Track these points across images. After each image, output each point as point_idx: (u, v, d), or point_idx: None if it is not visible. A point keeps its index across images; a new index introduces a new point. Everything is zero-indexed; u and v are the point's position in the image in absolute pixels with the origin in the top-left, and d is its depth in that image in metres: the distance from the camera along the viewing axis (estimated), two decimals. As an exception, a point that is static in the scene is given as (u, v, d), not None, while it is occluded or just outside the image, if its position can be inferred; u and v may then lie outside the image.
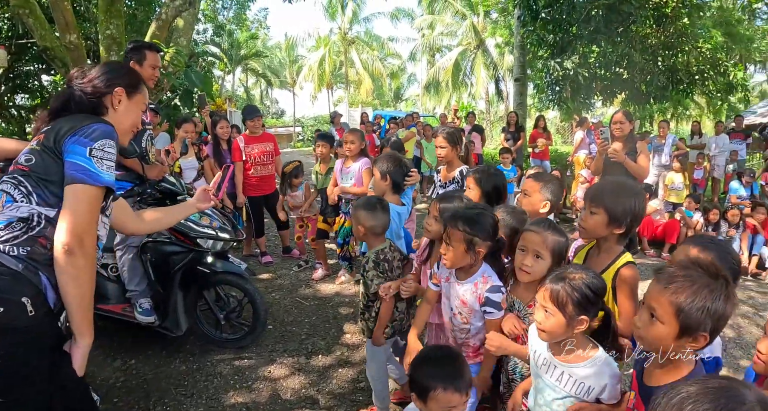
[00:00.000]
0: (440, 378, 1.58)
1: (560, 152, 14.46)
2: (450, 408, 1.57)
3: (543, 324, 1.60)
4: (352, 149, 4.47)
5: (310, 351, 3.59)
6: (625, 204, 1.95)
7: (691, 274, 1.30)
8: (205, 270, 3.36)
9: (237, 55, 32.79)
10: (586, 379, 1.59)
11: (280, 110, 50.92)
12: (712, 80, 10.44)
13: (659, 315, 1.31)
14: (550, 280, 1.61)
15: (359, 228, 2.50)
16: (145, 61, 3.27)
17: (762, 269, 6.10)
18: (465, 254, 1.98)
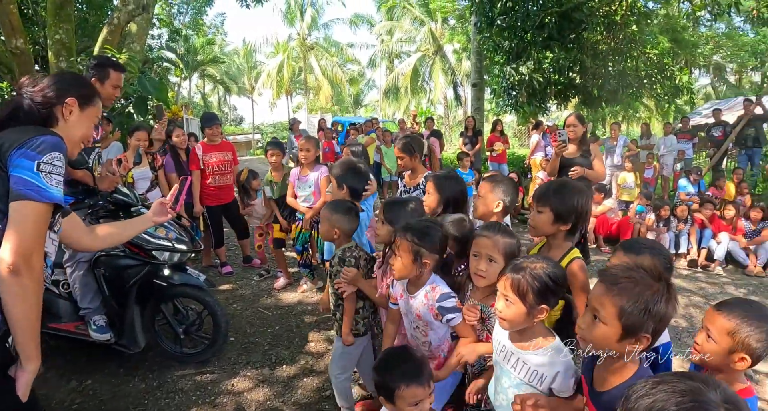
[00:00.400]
0: (401, 376, 1.66)
1: (517, 155, 14.81)
2: (417, 402, 1.64)
3: (504, 313, 1.63)
4: (308, 157, 4.44)
5: (274, 362, 3.52)
6: (569, 202, 2.05)
7: (634, 276, 1.33)
8: (162, 283, 3.25)
9: (193, 60, 32.05)
10: (539, 367, 1.62)
11: (238, 117, 50.14)
12: (659, 84, 10.92)
13: (602, 317, 1.34)
14: (511, 270, 1.63)
15: (334, 230, 2.54)
16: (107, 80, 3.11)
17: (710, 261, 6.40)
18: (412, 265, 2.01)
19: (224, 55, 38.65)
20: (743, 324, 1.44)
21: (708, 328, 1.52)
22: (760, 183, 9.41)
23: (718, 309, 1.52)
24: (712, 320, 1.51)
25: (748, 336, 1.42)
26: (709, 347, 1.50)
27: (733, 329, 1.45)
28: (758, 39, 23.32)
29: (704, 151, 11.65)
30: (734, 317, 1.46)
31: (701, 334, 1.54)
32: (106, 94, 3.17)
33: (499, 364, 1.77)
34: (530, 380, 1.64)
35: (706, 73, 29.44)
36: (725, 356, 1.46)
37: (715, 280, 5.90)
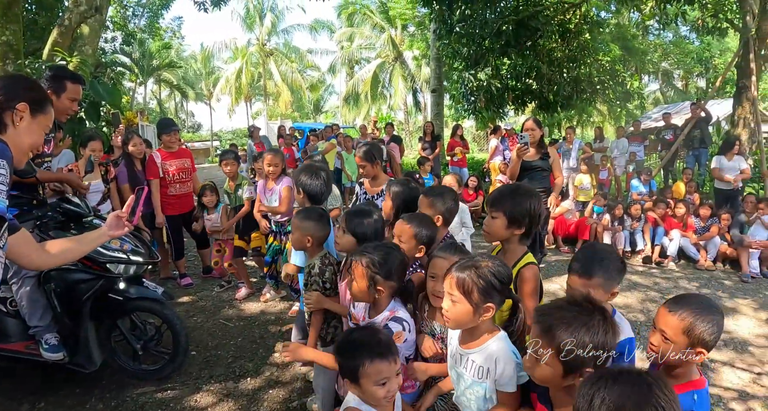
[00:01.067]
0: (364, 353, 1.56)
1: (477, 159, 15.06)
2: (383, 379, 1.55)
3: (449, 311, 1.62)
4: (275, 172, 4.33)
5: (238, 374, 3.43)
6: (521, 206, 2.07)
7: (565, 315, 1.34)
8: (117, 297, 3.11)
9: (149, 65, 31.20)
10: (484, 362, 1.63)
11: (196, 124, 49.05)
12: (611, 89, 11.40)
13: (542, 357, 1.35)
14: (456, 268, 1.63)
15: (306, 238, 2.50)
16: (63, 92, 2.95)
17: (664, 257, 6.67)
18: (366, 291, 1.97)
19: (181, 59, 37.78)
20: (696, 321, 1.50)
21: (663, 329, 1.56)
22: (707, 182, 9.88)
23: (669, 309, 1.56)
24: (666, 322, 1.55)
25: (702, 332, 1.49)
26: (666, 347, 1.54)
27: (687, 328, 1.50)
28: (703, 47, 24.67)
29: (655, 152, 12.16)
30: (687, 316, 1.51)
31: (656, 335, 1.59)
32: (62, 108, 3.02)
33: (455, 368, 1.77)
34: (480, 378, 1.65)
35: (655, 79, 30.91)
36: (682, 352, 1.52)
37: (668, 275, 6.15)
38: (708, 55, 25.63)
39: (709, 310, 1.53)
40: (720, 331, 1.53)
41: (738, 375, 3.57)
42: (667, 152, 10.30)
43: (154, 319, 3.43)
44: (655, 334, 1.59)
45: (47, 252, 1.83)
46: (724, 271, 6.32)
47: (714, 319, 1.51)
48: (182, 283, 5.25)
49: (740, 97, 9.13)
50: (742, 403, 3.19)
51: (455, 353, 1.76)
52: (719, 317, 1.53)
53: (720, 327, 1.53)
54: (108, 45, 18.24)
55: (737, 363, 3.75)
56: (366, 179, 3.82)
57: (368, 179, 3.78)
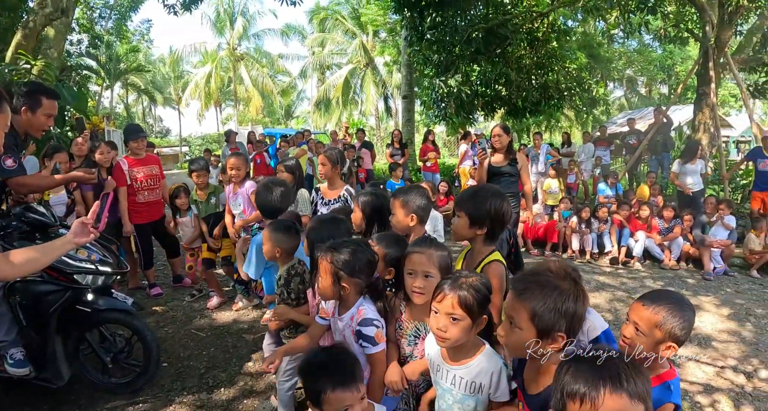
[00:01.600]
0: (326, 379, 1.54)
1: (447, 165, 15.24)
2: (345, 407, 1.53)
3: (450, 331, 1.60)
4: (238, 176, 4.32)
5: (212, 385, 3.37)
6: (483, 207, 2.10)
7: (540, 279, 1.40)
8: (85, 309, 3.01)
9: (116, 69, 30.44)
10: (476, 377, 1.65)
11: (165, 129, 48.12)
12: (578, 96, 11.70)
13: (517, 322, 1.40)
14: (451, 288, 1.61)
15: (276, 250, 2.52)
16: (39, 108, 2.87)
17: (630, 258, 6.88)
18: (332, 287, 1.95)
19: (149, 63, 37.05)
20: (669, 316, 1.57)
21: (636, 322, 1.62)
22: (670, 185, 10.24)
23: (644, 304, 1.62)
24: (640, 315, 1.62)
25: (674, 326, 1.56)
26: (639, 340, 1.60)
27: (660, 322, 1.57)
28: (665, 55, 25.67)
29: (620, 157, 12.53)
30: (660, 310, 1.58)
31: (629, 328, 1.65)
32: (37, 124, 2.93)
33: (438, 384, 1.77)
34: (472, 392, 1.66)
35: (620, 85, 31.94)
36: (654, 346, 1.59)
37: (635, 274, 6.35)
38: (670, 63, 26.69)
39: (682, 306, 1.60)
40: (690, 327, 1.60)
41: (702, 369, 3.70)
42: (631, 157, 10.63)
43: (123, 330, 3.34)
44: (628, 327, 1.65)
45: (10, 262, 1.77)
46: (687, 270, 6.55)
47: (686, 316, 1.58)
48: (152, 293, 5.13)
49: (700, 103, 9.50)
50: (708, 396, 3.32)
51: (438, 367, 1.75)
52: (691, 314, 1.60)
53: (691, 323, 1.60)
54: (74, 48, 17.71)
55: (701, 357, 3.89)
56: (322, 185, 3.93)
57: (325, 184, 3.89)
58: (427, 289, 1.87)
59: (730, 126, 20.56)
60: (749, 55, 9.82)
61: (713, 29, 9.23)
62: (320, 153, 9.71)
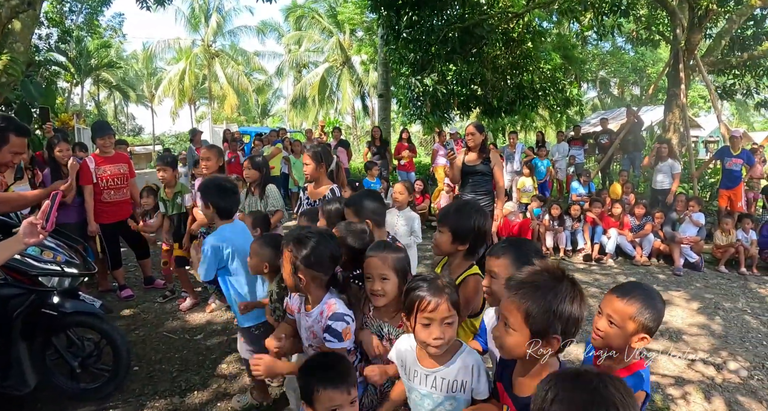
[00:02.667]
0: (318, 379, 1.59)
1: (424, 164, 15.28)
2: (334, 407, 1.57)
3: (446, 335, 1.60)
4: (209, 166, 4.24)
5: (184, 388, 3.30)
6: (466, 223, 2.13)
7: (536, 279, 1.37)
8: (51, 312, 2.91)
9: (86, 64, 29.62)
10: (458, 375, 1.65)
11: (137, 127, 47.06)
12: (552, 96, 11.83)
13: (511, 323, 1.37)
14: (437, 294, 1.61)
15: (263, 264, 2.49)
16: (5, 145, 2.68)
17: (603, 254, 7.00)
18: (291, 276, 1.97)
19: (121, 59, 36.18)
20: (642, 308, 1.59)
21: (610, 314, 1.64)
22: (641, 183, 10.47)
23: (617, 296, 1.64)
24: (613, 307, 1.64)
25: (647, 318, 1.59)
26: (613, 331, 1.62)
27: (633, 314, 1.59)
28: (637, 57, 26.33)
29: (593, 156, 12.75)
30: (634, 303, 1.60)
31: (602, 320, 1.67)
32: (2, 160, 2.76)
33: (415, 389, 1.73)
34: (455, 391, 1.65)
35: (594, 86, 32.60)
36: (627, 337, 1.61)
37: (607, 271, 6.47)
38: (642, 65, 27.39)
39: (653, 298, 1.64)
40: (661, 318, 1.64)
41: (674, 362, 3.79)
42: (603, 156, 10.83)
43: (92, 334, 3.24)
44: (602, 319, 1.67)
45: None
46: (658, 266, 6.71)
47: (657, 307, 1.62)
48: (122, 295, 5.00)
49: (671, 104, 9.73)
50: (679, 388, 3.39)
51: (415, 373, 1.73)
52: (661, 305, 1.64)
53: (661, 314, 1.63)
54: (42, 42, 17.13)
55: (672, 351, 3.98)
56: (309, 184, 3.83)
57: (311, 183, 3.79)
58: (387, 291, 1.92)
59: (699, 126, 21.15)
60: (718, 57, 10.10)
61: (684, 32, 9.47)
62: (296, 151, 9.72)
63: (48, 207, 1.95)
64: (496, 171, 4.81)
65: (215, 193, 2.83)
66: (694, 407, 3.18)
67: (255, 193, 4.26)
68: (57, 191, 2.09)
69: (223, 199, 2.84)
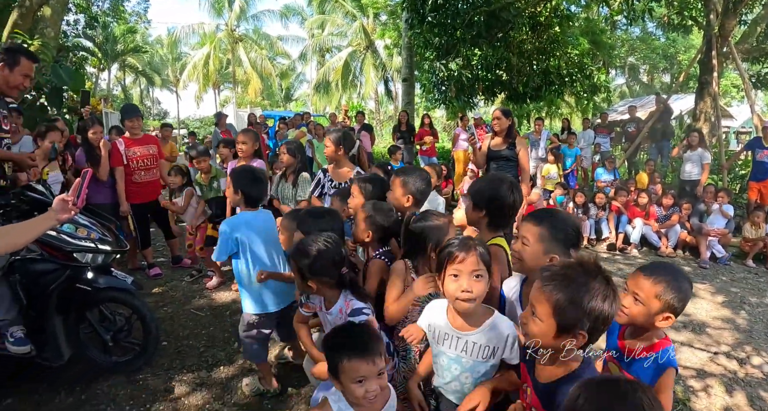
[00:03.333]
0: (343, 349, 1.58)
1: (447, 149, 15.17)
2: (360, 378, 1.55)
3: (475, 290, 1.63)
4: (244, 150, 4.34)
5: (211, 364, 3.41)
6: (484, 191, 2.16)
7: (570, 273, 1.33)
8: (85, 287, 3.02)
9: (113, 50, 30.05)
10: (491, 341, 1.67)
11: (162, 111, 47.72)
12: (579, 82, 11.58)
13: (538, 313, 1.35)
14: (465, 248, 1.65)
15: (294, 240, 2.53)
16: (16, 66, 2.89)
17: (627, 244, 6.91)
18: (302, 284, 2.05)
19: (146, 44, 36.55)
20: (668, 287, 1.59)
21: (636, 292, 1.65)
22: (668, 173, 10.24)
23: (644, 274, 1.65)
24: (640, 285, 1.65)
25: (672, 297, 1.58)
26: (637, 310, 1.63)
27: (659, 292, 1.60)
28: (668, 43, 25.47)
29: (619, 144, 12.50)
30: (660, 281, 1.60)
31: (627, 298, 1.67)
32: (13, 82, 2.95)
33: (444, 354, 1.78)
34: (485, 358, 1.68)
35: (622, 73, 31.76)
36: (651, 316, 1.62)
37: (631, 261, 6.39)
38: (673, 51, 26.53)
39: (680, 278, 1.63)
40: (687, 299, 1.63)
41: (696, 355, 3.75)
42: (630, 144, 10.61)
43: (123, 309, 3.36)
44: (627, 296, 1.67)
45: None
46: (684, 258, 6.59)
47: (684, 288, 1.61)
48: (151, 273, 5.15)
49: (702, 92, 9.46)
50: (701, 381, 3.37)
51: (445, 336, 1.75)
52: (688, 286, 1.63)
53: (688, 296, 1.63)
54: (70, 28, 17.42)
55: (695, 343, 3.94)
56: (330, 166, 3.86)
57: (332, 165, 3.83)
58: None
59: (731, 116, 20.48)
60: (753, 45, 9.76)
61: (717, 18, 9.15)
62: (319, 135, 9.75)
63: (78, 184, 2.02)
64: (521, 156, 4.77)
65: (246, 181, 2.90)
66: (715, 400, 3.16)
67: (289, 180, 4.28)
68: (87, 169, 2.17)
69: (252, 187, 2.90)
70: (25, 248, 2.90)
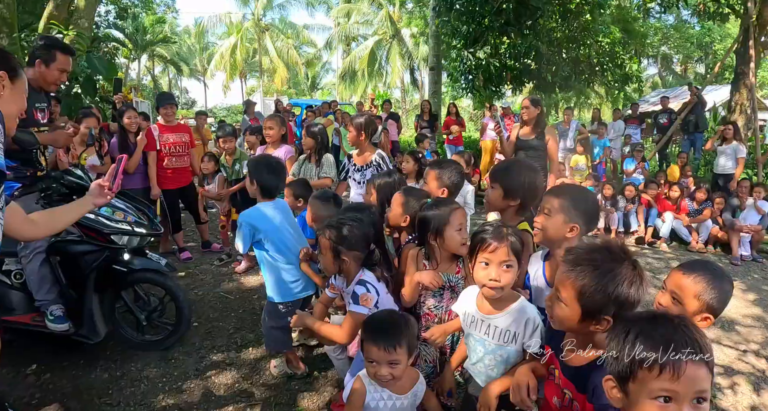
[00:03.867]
0: (367, 330, 1.74)
1: (473, 138, 15.04)
2: (372, 360, 1.69)
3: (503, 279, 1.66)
4: (271, 135, 4.44)
5: (240, 345, 3.50)
6: (517, 179, 2.17)
7: (596, 257, 1.32)
8: (121, 268, 3.14)
9: (143, 40, 30.60)
10: (511, 325, 1.70)
11: (190, 100, 48.45)
12: (610, 72, 11.32)
13: (563, 297, 1.35)
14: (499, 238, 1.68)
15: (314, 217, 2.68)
16: (53, 62, 2.96)
17: (656, 238, 6.78)
18: (333, 262, 2.09)
19: (175, 34, 37.14)
20: (708, 287, 1.52)
21: (674, 291, 1.58)
22: (701, 166, 9.97)
23: (684, 272, 1.58)
24: (678, 283, 1.58)
25: (712, 298, 1.52)
26: (677, 309, 1.56)
27: (699, 292, 1.53)
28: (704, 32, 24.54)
29: (650, 136, 12.20)
30: (700, 280, 1.53)
31: (665, 296, 1.62)
32: (51, 78, 3.01)
33: (471, 335, 1.83)
34: (505, 341, 1.71)
35: (654, 62, 30.81)
36: (690, 316, 1.52)
37: (660, 255, 6.27)
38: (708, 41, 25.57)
39: (721, 278, 1.56)
40: (727, 300, 1.56)
41: (724, 352, 3.68)
42: (661, 136, 10.35)
43: (157, 290, 3.48)
44: (665, 295, 1.62)
45: (34, 222, 1.86)
46: (715, 254, 6.43)
47: (725, 289, 1.54)
48: (182, 257, 5.29)
49: (738, 83, 9.16)
50: (728, 378, 3.31)
51: (473, 319, 1.81)
52: (729, 286, 1.57)
53: (728, 296, 1.55)
54: (101, 19, 17.80)
55: (724, 341, 3.87)
56: (354, 151, 4.03)
57: (355, 151, 4.00)
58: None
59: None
60: (793, 34, 9.37)
61: (756, 6, 8.80)
62: (347, 123, 9.78)
63: (114, 170, 2.09)
64: (550, 146, 4.71)
65: (263, 171, 2.91)
66: (742, 398, 3.11)
67: (312, 161, 4.36)
68: (123, 155, 2.24)
69: (268, 178, 2.90)
70: (65, 230, 3.03)
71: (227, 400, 2.87)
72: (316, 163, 4.34)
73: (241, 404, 2.83)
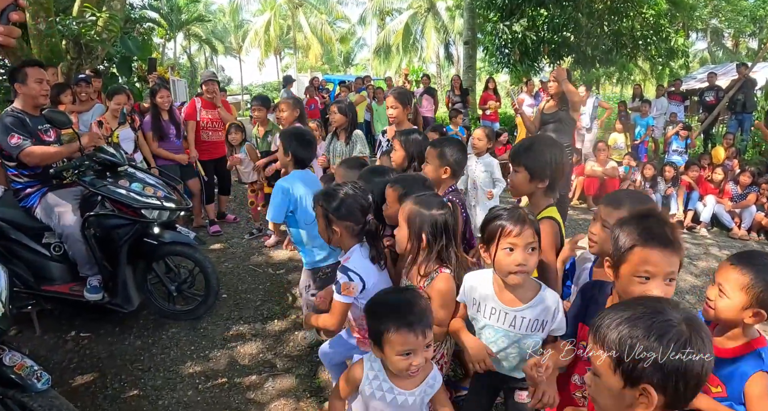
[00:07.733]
0: (390, 317, 1.49)
1: (509, 114, 14.69)
2: (407, 350, 1.48)
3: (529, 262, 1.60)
4: (284, 118, 4.41)
5: (266, 317, 3.60)
6: (542, 158, 2.02)
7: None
8: (152, 242, 3.26)
9: (177, 19, 30.94)
10: (539, 315, 1.66)
11: (226, 78, 48.94)
12: (654, 46, 10.71)
13: (726, 290, 1.47)
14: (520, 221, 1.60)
15: None
16: (27, 78, 3.05)
17: (697, 223, 6.51)
18: (325, 231, 2.03)
19: (209, 13, 37.32)
20: (757, 279, 1.40)
21: (721, 283, 1.48)
22: (749, 148, 9.46)
23: (732, 263, 1.48)
24: (726, 276, 1.47)
25: (762, 291, 1.39)
26: (723, 303, 1.46)
27: (747, 284, 1.41)
28: (758, 4, 22.83)
29: (696, 115, 11.60)
30: (748, 272, 1.42)
31: (713, 290, 1.52)
32: (34, 92, 3.09)
33: (491, 326, 1.74)
34: (534, 330, 1.67)
35: (703, 37, 29.04)
36: (739, 311, 1.43)
37: (699, 241, 6.03)
38: (762, 14, 23.75)
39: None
40: None
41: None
42: (707, 115, 9.82)
43: (187, 263, 3.58)
44: (713, 288, 1.52)
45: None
46: (758, 242, 6.13)
47: None
48: (211, 230, 5.42)
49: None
50: None
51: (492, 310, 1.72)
52: None
53: None
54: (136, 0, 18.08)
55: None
56: (390, 127, 3.83)
57: (392, 126, 3.77)
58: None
59: (826, 88, 18.41)
60: None
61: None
62: (378, 99, 9.69)
63: None
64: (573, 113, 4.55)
65: (296, 142, 2.93)
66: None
67: (341, 138, 4.26)
68: None
69: (301, 149, 2.94)
70: (99, 205, 3.15)
71: (251, 369, 2.96)
72: (345, 141, 4.24)
73: (264, 374, 2.91)
